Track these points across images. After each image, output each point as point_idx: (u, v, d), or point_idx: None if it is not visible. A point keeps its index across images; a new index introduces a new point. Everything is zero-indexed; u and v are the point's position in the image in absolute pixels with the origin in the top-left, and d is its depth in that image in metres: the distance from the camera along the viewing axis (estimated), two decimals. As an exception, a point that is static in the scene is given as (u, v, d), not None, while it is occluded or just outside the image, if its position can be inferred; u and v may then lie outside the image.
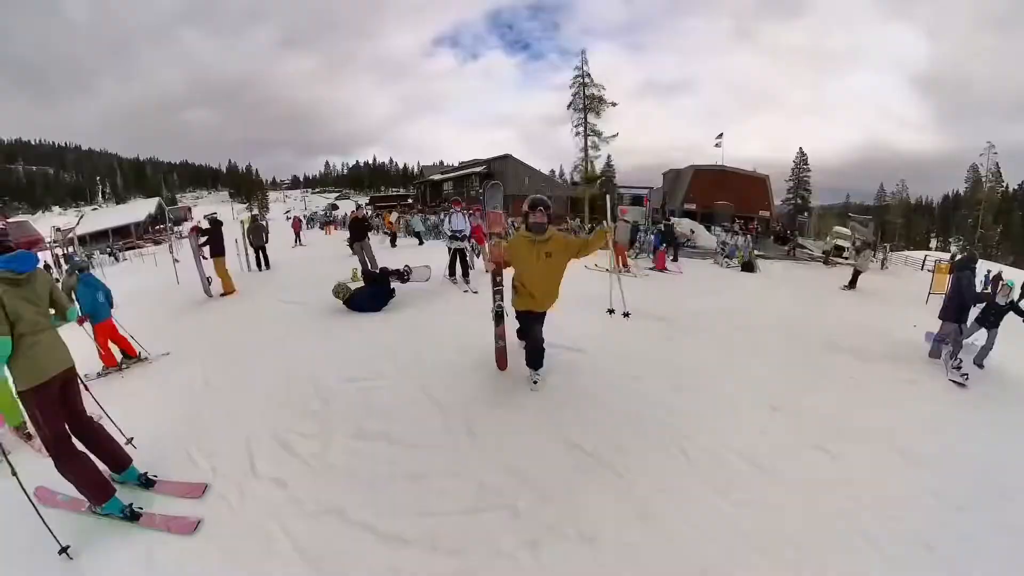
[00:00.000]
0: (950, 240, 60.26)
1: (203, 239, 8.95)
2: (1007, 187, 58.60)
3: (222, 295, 8.63)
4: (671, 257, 18.20)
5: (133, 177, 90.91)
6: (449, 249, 8.90)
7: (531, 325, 4.17)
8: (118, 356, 5.31)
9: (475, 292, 7.87)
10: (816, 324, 7.66)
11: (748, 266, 17.03)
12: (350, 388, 4.23)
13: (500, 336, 4.45)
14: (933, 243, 61.66)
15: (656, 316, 6.95)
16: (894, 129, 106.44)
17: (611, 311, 5.54)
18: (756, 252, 19.66)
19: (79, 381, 3.01)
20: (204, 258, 8.80)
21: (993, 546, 2.72)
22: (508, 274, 4.22)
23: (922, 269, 24.71)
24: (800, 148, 66.46)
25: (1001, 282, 7.38)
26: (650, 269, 14.13)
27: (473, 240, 10.00)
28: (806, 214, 57.91)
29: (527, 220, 3.93)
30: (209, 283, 8.66)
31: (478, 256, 10.36)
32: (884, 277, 19.69)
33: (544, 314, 4.18)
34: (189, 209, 70.87)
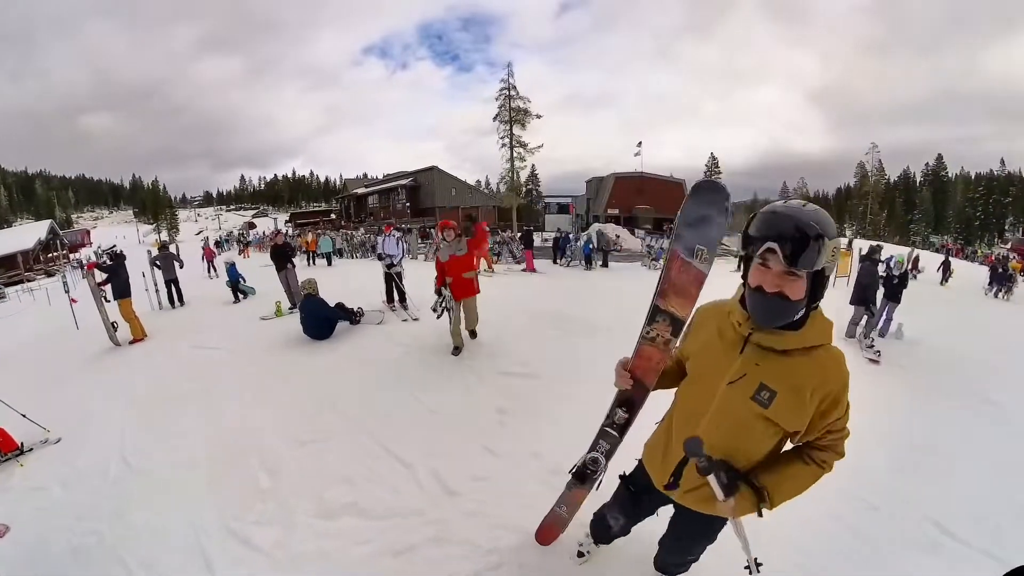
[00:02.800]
0: (844, 226, 67.15)
1: (102, 278, 7.95)
2: (889, 179, 66.15)
3: (131, 342, 7.70)
4: (601, 263, 18.63)
5: (20, 194, 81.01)
6: (384, 274, 8.54)
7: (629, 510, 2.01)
8: (17, 439, 4.40)
9: (415, 319, 7.53)
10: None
11: (675, 267, 17.65)
12: (300, 453, 3.75)
13: (569, 502, 2.38)
14: (831, 230, 68.21)
15: (600, 327, 7.00)
16: (792, 134, 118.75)
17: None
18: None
19: None
20: (106, 300, 7.83)
21: (925, 496, 3.33)
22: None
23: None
24: (712, 153, 71.75)
25: (893, 258, 8.89)
26: (521, 271, 16.17)
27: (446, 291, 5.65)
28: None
29: (750, 256, 1.37)
30: (115, 329, 7.68)
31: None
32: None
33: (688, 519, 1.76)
34: (88, 232, 64.27)
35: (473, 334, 6.13)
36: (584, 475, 2.19)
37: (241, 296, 10.61)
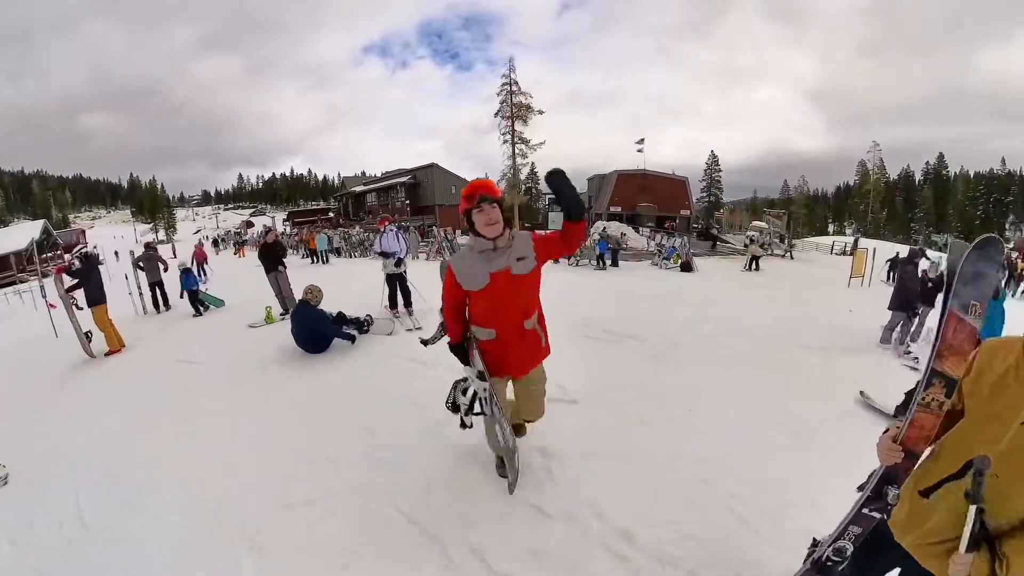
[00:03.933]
0: (845, 224, 67.07)
1: (71, 283, 7.12)
2: (889, 178, 65.99)
3: (107, 354, 6.92)
4: (610, 262, 17.86)
5: (16, 194, 79.86)
6: (386, 276, 7.63)
7: None
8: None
9: (419, 328, 6.73)
10: (771, 322, 7.71)
11: (686, 266, 17.07)
12: (291, 520, 2.83)
13: None
14: (831, 228, 68.55)
15: (627, 334, 6.49)
16: (792, 133, 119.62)
17: None
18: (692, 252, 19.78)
19: None
20: (78, 307, 7.04)
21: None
22: None
23: (831, 253, 26.88)
24: (712, 151, 71.40)
25: (929, 261, 8.49)
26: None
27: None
28: (721, 211, 61.83)
29: None
30: (89, 339, 6.91)
31: None
32: (798, 265, 20.58)
33: None
34: (83, 232, 63.42)
35: (520, 427, 3.14)
36: (828, 569, 1.91)
37: (202, 308, 9.38)
